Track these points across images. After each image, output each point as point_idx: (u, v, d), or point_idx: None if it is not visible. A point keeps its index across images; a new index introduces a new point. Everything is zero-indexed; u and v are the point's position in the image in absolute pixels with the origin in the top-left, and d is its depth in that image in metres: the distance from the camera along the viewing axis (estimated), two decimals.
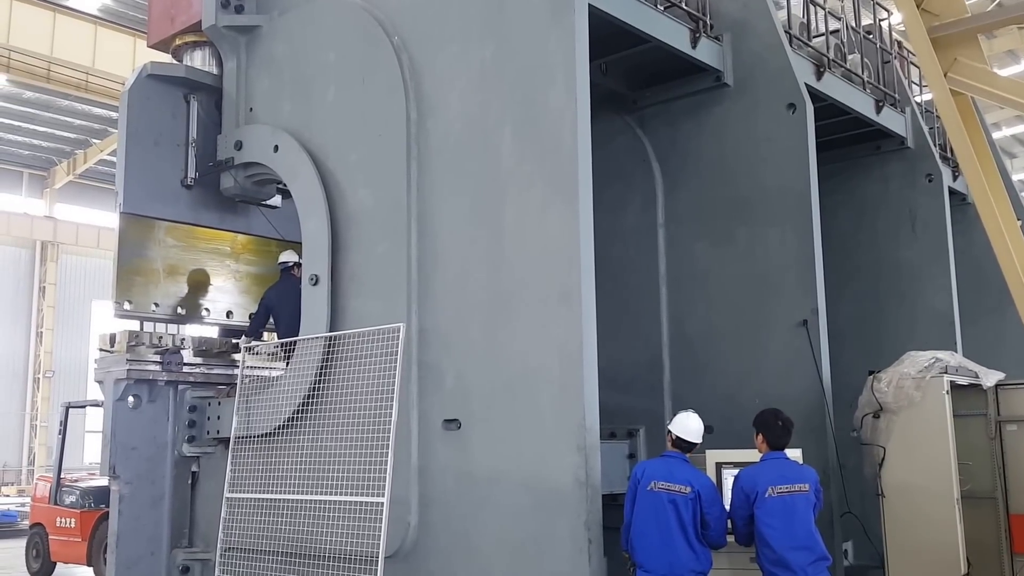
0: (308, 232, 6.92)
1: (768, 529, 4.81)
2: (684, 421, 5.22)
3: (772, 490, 4.86)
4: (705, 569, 4.94)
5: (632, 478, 5.19)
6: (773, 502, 4.84)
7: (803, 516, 4.85)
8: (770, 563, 4.82)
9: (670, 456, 5.17)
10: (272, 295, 7.82)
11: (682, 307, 7.75)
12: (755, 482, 4.91)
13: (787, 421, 5.19)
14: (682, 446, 5.17)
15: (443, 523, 5.96)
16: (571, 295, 5.50)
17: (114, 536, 7.10)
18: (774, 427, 5.14)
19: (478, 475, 5.82)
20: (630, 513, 5.13)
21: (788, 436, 5.13)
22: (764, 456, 5.11)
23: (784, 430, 5.15)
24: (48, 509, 11.92)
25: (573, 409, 5.38)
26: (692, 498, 4.94)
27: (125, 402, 7.15)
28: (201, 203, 8.00)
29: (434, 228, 6.32)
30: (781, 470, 4.97)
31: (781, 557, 4.77)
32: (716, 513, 4.97)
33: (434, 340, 6.19)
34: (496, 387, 5.81)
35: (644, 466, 5.21)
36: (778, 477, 4.91)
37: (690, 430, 5.18)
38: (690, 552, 4.90)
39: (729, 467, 5.48)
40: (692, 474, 5.05)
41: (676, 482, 4.98)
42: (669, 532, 4.92)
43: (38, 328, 30.15)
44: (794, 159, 7.26)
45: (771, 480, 4.90)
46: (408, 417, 6.12)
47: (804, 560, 4.77)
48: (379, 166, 6.66)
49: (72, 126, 28.21)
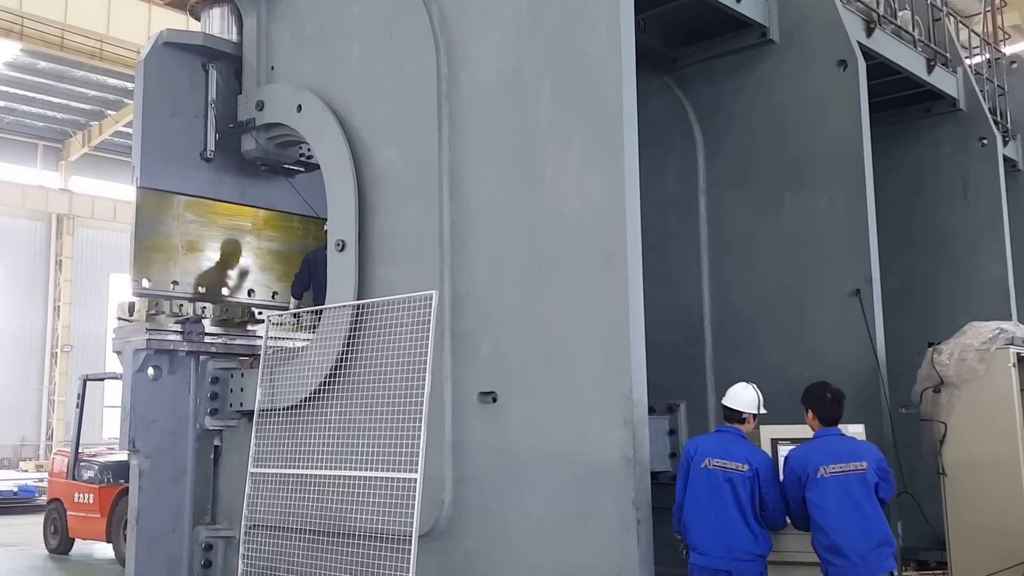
0: (333, 195, 6.59)
1: (820, 512, 4.46)
2: (738, 391, 4.87)
3: (824, 470, 4.49)
4: (765, 552, 4.62)
5: (684, 455, 4.86)
6: (825, 483, 4.47)
7: (860, 497, 4.46)
8: (824, 549, 4.45)
9: (725, 431, 4.84)
10: (317, 256, 7.45)
11: (725, 277, 7.39)
12: (805, 462, 4.54)
13: (837, 393, 4.80)
14: (734, 418, 4.82)
15: (479, 501, 5.66)
16: (616, 258, 5.15)
17: (134, 512, 6.86)
18: (823, 401, 4.74)
19: (516, 450, 5.50)
20: (682, 492, 4.81)
21: (839, 409, 4.74)
22: (816, 433, 4.72)
23: (835, 403, 4.75)
24: (66, 484, 11.72)
25: (619, 380, 5.04)
26: (750, 476, 4.60)
27: (145, 373, 6.88)
28: (221, 177, 7.65)
29: (467, 189, 5.96)
30: (834, 448, 4.59)
31: (835, 543, 4.41)
32: (776, 493, 4.63)
33: (468, 308, 5.86)
34: (535, 357, 5.48)
35: (697, 442, 4.87)
36: (830, 456, 4.54)
37: (742, 399, 4.83)
38: (748, 534, 4.57)
39: (786, 443, 5.13)
40: (750, 451, 4.71)
41: (732, 459, 4.65)
42: (726, 512, 4.60)
43: (55, 302, 30.09)
44: (845, 119, 6.85)
45: (822, 459, 4.54)
46: (441, 389, 5.80)
47: (861, 546, 4.39)
48: (408, 124, 6.30)
49: (87, 97, 27.93)
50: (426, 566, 5.57)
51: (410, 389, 5.74)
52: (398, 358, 5.89)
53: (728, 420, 4.87)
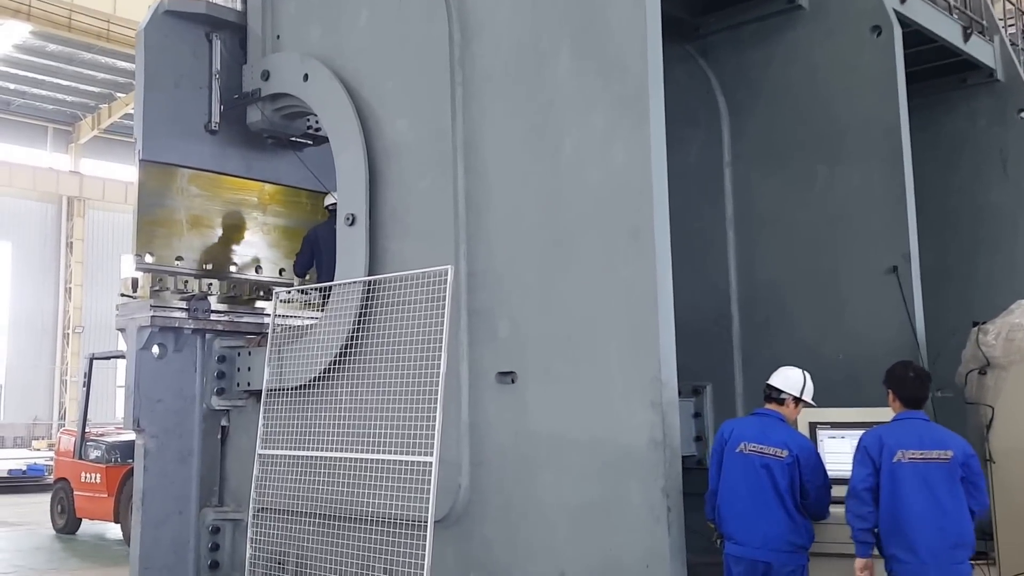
0: (342, 167, 6.30)
1: (894, 502, 4.06)
2: (785, 371, 4.58)
3: (903, 454, 4.08)
4: (807, 543, 4.33)
5: (717, 438, 4.58)
6: (904, 470, 4.06)
7: (940, 489, 4.05)
8: (894, 544, 4.07)
9: (763, 414, 4.54)
10: (319, 232, 7.20)
11: (752, 254, 7.07)
12: (882, 444, 4.12)
13: (921, 372, 4.42)
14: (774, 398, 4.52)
15: (497, 486, 5.40)
16: (642, 231, 4.86)
17: (139, 493, 6.64)
18: (905, 380, 4.33)
19: (536, 434, 5.23)
20: (716, 478, 4.53)
21: (924, 390, 4.35)
22: (897, 416, 4.31)
23: (918, 383, 4.33)
24: (72, 463, 11.58)
25: (646, 361, 4.76)
26: (789, 463, 4.30)
27: (149, 351, 6.64)
28: (226, 150, 7.36)
29: (482, 161, 5.67)
30: (917, 432, 4.16)
31: (907, 538, 4.02)
32: (818, 481, 4.33)
33: (485, 284, 5.57)
34: (556, 336, 5.20)
35: (732, 425, 4.59)
36: (912, 440, 4.12)
37: (785, 378, 4.53)
38: (789, 522, 4.28)
39: (825, 428, 4.85)
40: (789, 435, 4.42)
41: (770, 444, 4.35)
42: (764, 500, 4.31)
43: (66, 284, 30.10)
44: (881, 88, 6.50)
45: (903, 443, 4.12)
46: (457, 369, 5.53)
47: (936, 543, 4.00)
48: (419, 94, 6.00)
49: (96, 79, 27.80)
50: (441, 553, 5.33)
51: (424, 369, 5.48)
52: (412, 336, 5.63)
53: (768, 401, 4.57)
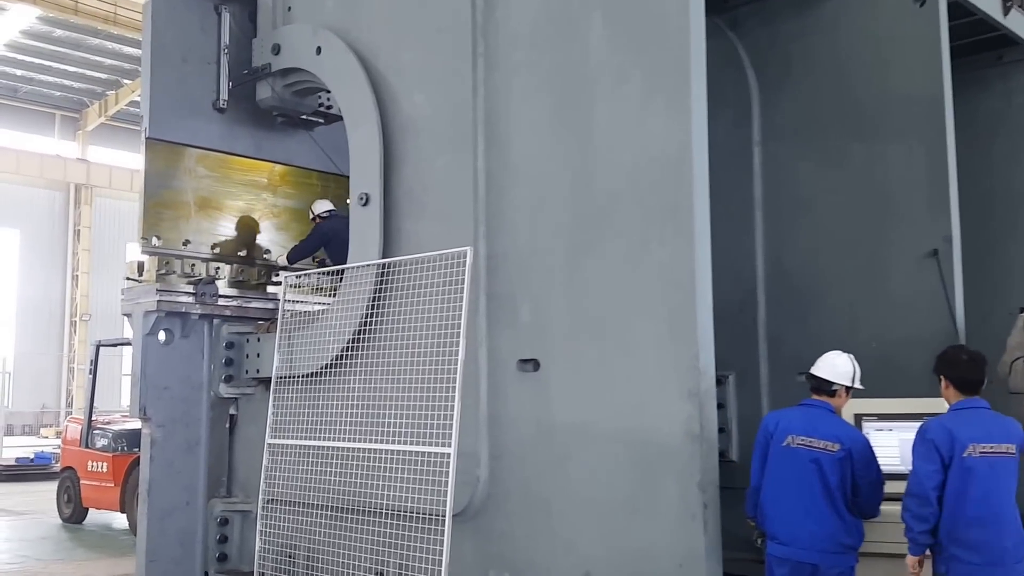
0: (356, 144, 6.01)
1: (962, 500, 3.75)
2: (831, 359, 4.28)
3: (974, 448, 3.77)
4: (857, 543, 4.04)
5: (761, 431, 4.29)
6: (976, 464, 3.75)
7: (1009, 485, 3.78)
8: (957, 545, 3.77)
9: (812, 405, 4.25)
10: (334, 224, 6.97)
11: (781, 237, 6.74)
12: (952, 437, 3.80)
13: (975, 355, 4.10)
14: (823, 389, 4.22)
15: (518, 479, 5.12)
16: (680, 209, 4.55)
17: (146, 483, 6.42)
18: (959, 365, 4.03)
19: (560, 425, 4.95)
20: (759, 473, 4.25)
21: (980, 373, 4.04)
22: (955, 405, 4.00)
23: (973, 367, 4.02)
24: (79, 452, 11.37)
25: (683, 347, 4.46)
26: (840, 457, 4.01)
27: (155, 337, 6.40)
28: (235, 129, 7.08)
29: (505, 136, 5.36)
30: (983, 423, 3.86)
31: (975, 538, 3.72)
32: (871, 477, 4.04)
33: (506, 267, 5.28)
34: (583, 321, 4.91)
35: (777, 417, 4.29)
36: (980, 432, 3.81)
37: (834, 368, 4.23)
38: (839, 522, 4.00)
39: (871, 419, 4.56)
40: (841, 428, 4.12)
41: (820, 437, 4.06)
42: (812, 497, 4.02)
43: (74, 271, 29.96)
44: (923, 61, 6.15)
45: (973, 435, 3.81)
46: (476, 356, 5.25)
47: (1006, 542, 3.72)
48: (438, 65, 5.70)
49: (103, 66, 27.59)
50: (458, 548, 5.06)
51: (441, 355, 5.21)
52: (428, 322, 5.35)
53: (815, 392, 4.27)
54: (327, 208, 7.20)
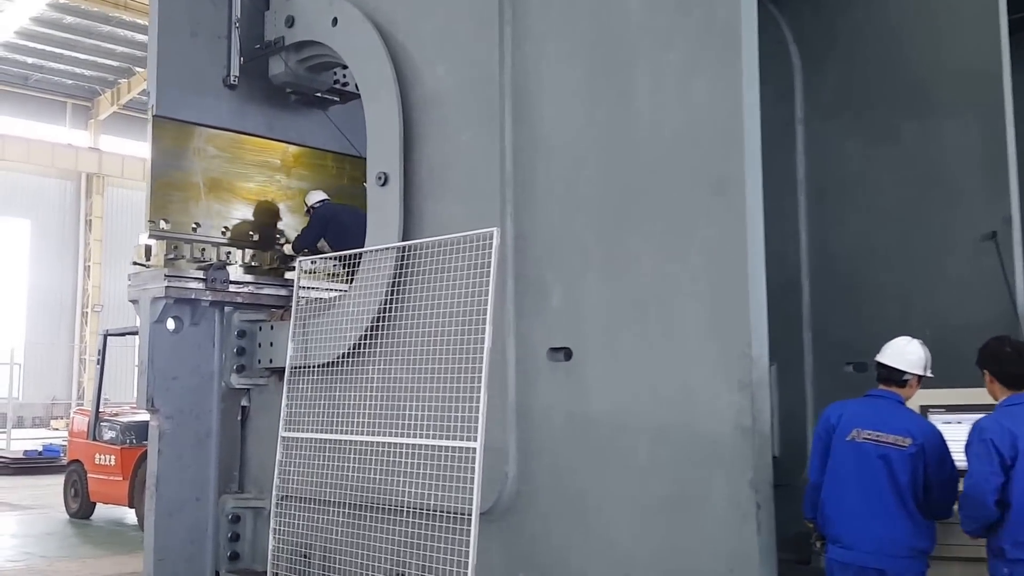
0: (374, 121, 5.66)
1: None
2: (901, 346, 3.90)
3: None
4: (929, 547, 3.68)
5: (822, 423, 3.93)
6: None
7: None
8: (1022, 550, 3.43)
9: (880, 396, 3.87)
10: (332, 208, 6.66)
11: (826, 220, 6.36)
12: (1014, 436, 3.47)
13: (1020, 347, 3.77)
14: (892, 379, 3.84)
15: (550, 476, 4.77)
16: (730, 183, 4.19)
17: (153, 478, 6.11)
18: (1002, 359, 3.70)
19: (596, 417, 4.60)
20: (819, 470, 3.90)
21: None
22: (1005, 402, 3.67)
23: (1018, 360, 3.69)
24: (86, 445, 11.09)
25: (734, 333, 4.11)
26: (912, 453, 3.64)
27: (164, 324, 6.09)
28: (246, 107, 6.74)
29: (535, 109, 5.00)
30: None
31: None
32: (945, 475, 3.67)
33: (536, 248, 4.93)
34: (621, 306, 4.54)
35: (841, 408, 3.91)
36: None
37: (904, 356, 3.86)
38: (909, 524, 3.63)
39: (938, 411, 4.18)
40: (912, 421, 3.75)
41: (890, 431, 3.69)
42: (879, 497, 3.66)
43: (85, 262, 29.81)
44: (981, 32, 5.74)
45: None
46: (503, 344, 4.90)
47: None
48: (462, 35, 5.34)
49: (115, 53, 27.35)
50: (485, 549, 4.73)
51: (466, 344, 4.87)
52: (452, 308, 5.01)
53: (884, 382, 3.89)
54: (320, 198, 6.90)
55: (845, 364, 6.20)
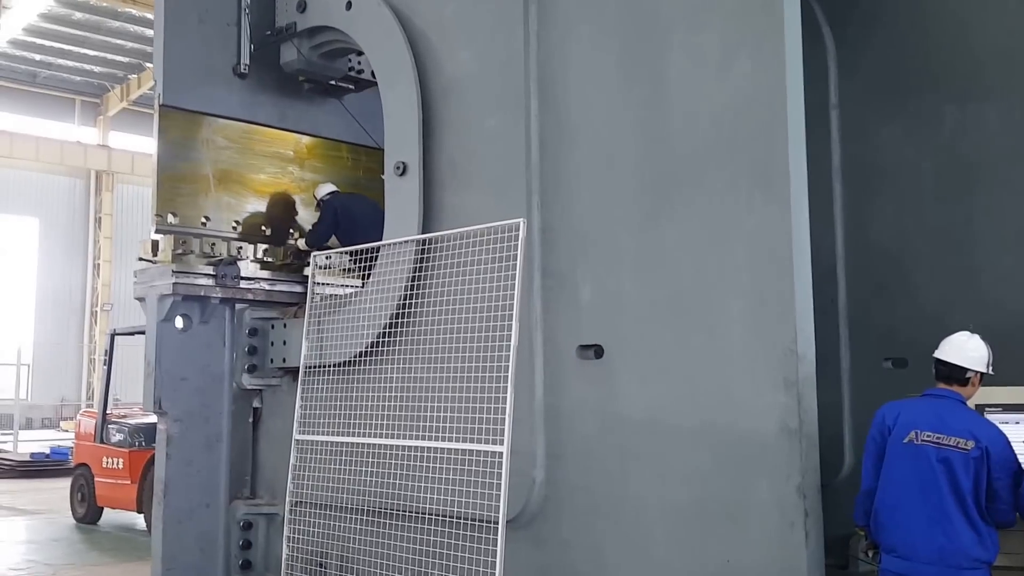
0: (392, 109, 5.42)
1: None
2: (961, 342, 3.65)
3: None
4: (991, 558, 3.44)
5: (877, 424, 3.68)
6: None
7: None
8: None
9: (939, 395, 3.62)
10: (342, 201, 6.42)
11: (863, 209, 6.09)
12: None
13: None
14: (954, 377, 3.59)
15: (581, 481, 4.53)
16: (773, 169, 3.94)
17: (161, 484, 5.89)
18: None
19: (629, 419, 4.35)
20: (873, 475, 3.65)
21: None
22: None
23: None
24: (93, 448, 10.87)
25: (779, 329, 3.85)
26: (976, 456, 3.40)
27: (172, 323, 5.86)
28: (257, 96, 6.49)
29: (562, 94, 4.75)
30: None
31: None
32: (1010, 480, 3.42)
33: (564, 241, 4.68)
34: (655, 301, 4.29)
35: (898, 408, 3.66)
36: None
37: (966, 352, 3.60)
38: (971, 533, 3.40)
39: (995, 410, 3.92)
40: (975, 422, 3.50)
41: (951, 433, 3.45)
42: (939, 503, 3.42)
43: (95, 260, 29.67)
44: None
45: None
46: (531, 341, 4.66)
47: None
48: (485, 17, 5.10)
49: (124, 49, 27.17)
50: (512, 557, 4.48)
51: (491, 342, 4.63)
52: (475, 304, 4.77)
53: (944, 380, 3.64)
54: (329, 190, 6.67)
55: (884, 360, 5.95)
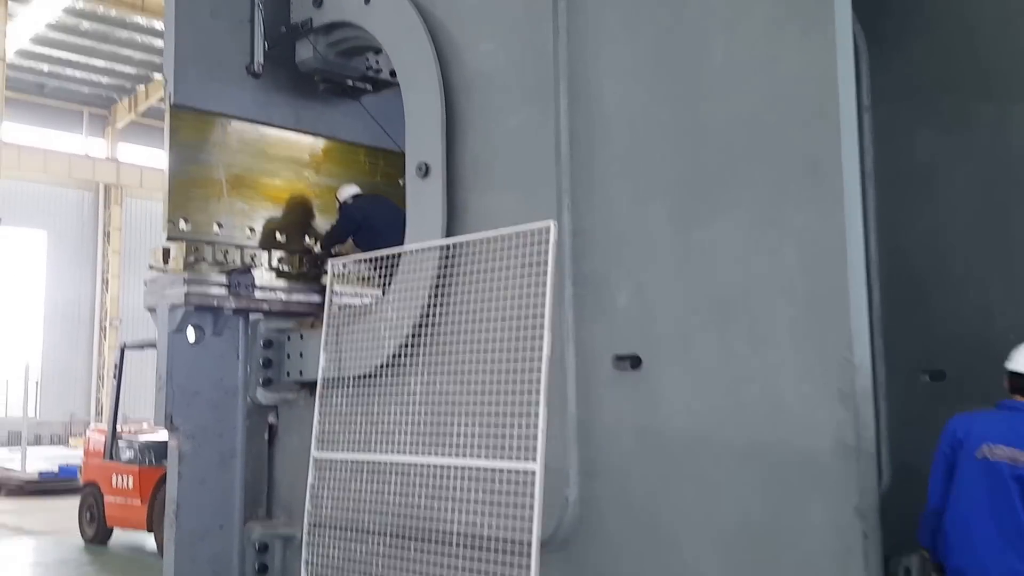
0: (413, 107, 5.19)
1: None
2: None
3: None
4: None
5: (946, 438, 3.43)
6: None
7: None
8: None
9: (1016, 408, 3.35)
10: (365, 203, 6.20)
11: (897, 214, 5.82)
12: None
13: None
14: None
15: (617, 500, 4.26)
16: (824, 163, 3.69)
17: (173, 504, 5.63)
18: None
19: (670, 433, 4.08)
20: (941, 492, 3.39)
21: None
22: None
23: None
24: (102, 466, 10.60)
25: (832, 336, 3.60)
26: None
27: (184, 335, 5.62)
28: (272, 97, 6.24)
29: (594, 86, 4.51)
30: None
31: None
32: None
33: (597, 243, 4.43)
34: (697, 305, 4.04)
35: (969, 421, 3.41)
36: None
37: None
38: None
39: None
40: None
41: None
42: (1014, 524, 3.19)
43: (103, 275, 29.54)
44: None
45: None
46: (563, 351, 4.40)
47: None
48: (510, 7, 4.86)
49: (132, 60, 27.12)
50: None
51: (521, 352, 4.38)
52: (503, 312, 4.52)
53: (1019, 393, 3.38)
54: (352, 192, 6.44)
55: (921, 373, 5.69)
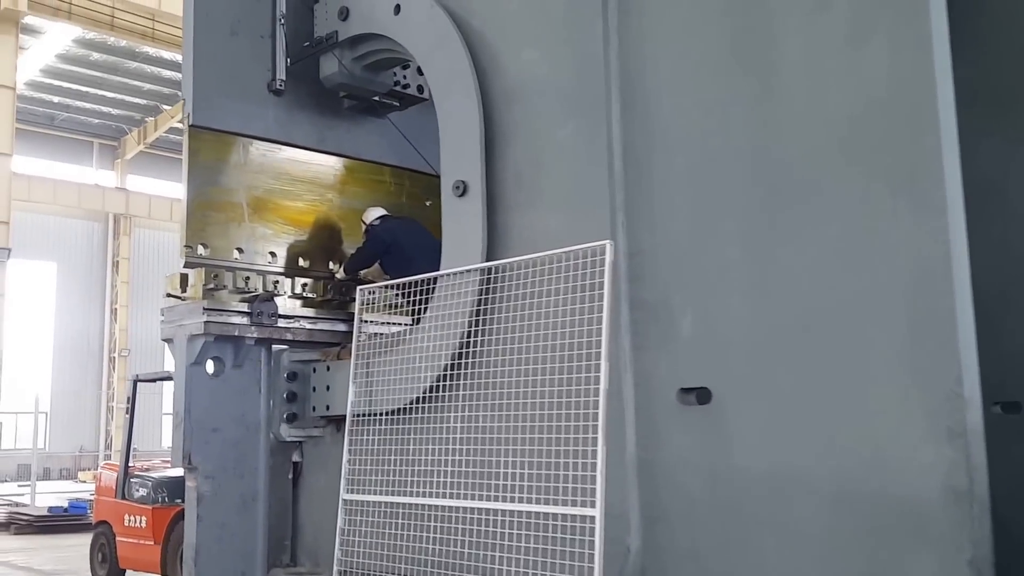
0: (449, 121, 4.83)
1: None
2: None
3: None
4: None
5: None
6: None
7: None
8: None
9: None
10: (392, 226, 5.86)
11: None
12: None
13: None
14: None
15: (685, 550, 3.82)
16: (922, 170, 3.30)
17: (192, 550, 5.22)
18: None
19: (746, 477, 3.65)
20: None
21: None
22: None
23: None
24: (114, 504, 10.16)
25: (938, 367, 3.19)
26: None
27: (202, 367, 5.25)
28: (294, 115, 5.93)
29: (650, 94, 4.13)
30: None
31: None
32: None
33: (657, 265, 4.03)
34: (775, 332, 3.62)
35: None
36: None
37: None
38: None
39: None
40: None
41: None
42: None
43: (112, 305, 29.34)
44: None
45: None
46: (619, 384, 3.99)
47: None
48: (555, 11, 4.52)
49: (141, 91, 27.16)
50: None
51: (572, 385, 3.97)
52: (552, 340, 4.11)
53: None
54: (379, 214, 6.09)
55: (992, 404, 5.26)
